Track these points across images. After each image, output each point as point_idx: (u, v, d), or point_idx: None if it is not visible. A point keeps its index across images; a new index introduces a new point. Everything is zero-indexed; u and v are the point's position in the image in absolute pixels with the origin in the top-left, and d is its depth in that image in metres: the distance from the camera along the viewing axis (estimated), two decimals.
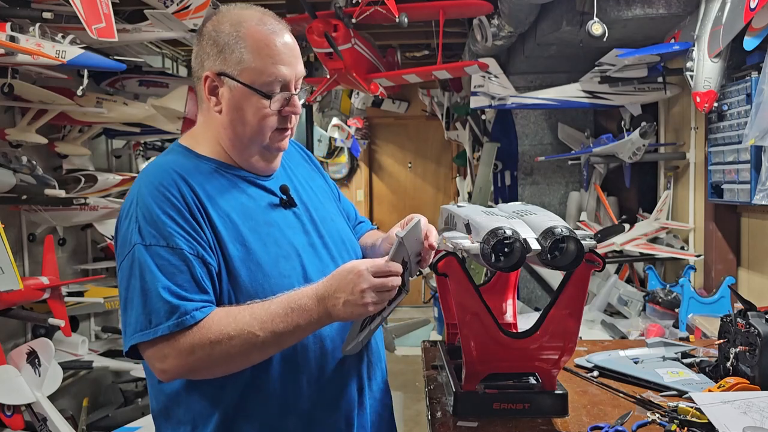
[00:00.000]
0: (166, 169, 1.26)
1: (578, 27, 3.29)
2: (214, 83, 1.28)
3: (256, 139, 1.29)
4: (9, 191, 3.05)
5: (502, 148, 4.93)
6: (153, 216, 1.18)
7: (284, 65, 1.26)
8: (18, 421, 2.76)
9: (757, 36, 2.55)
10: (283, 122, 1.30)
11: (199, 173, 1.27)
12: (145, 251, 1.16)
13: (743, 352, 1.47)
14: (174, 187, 1.22)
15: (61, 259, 3.89)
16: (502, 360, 1.34)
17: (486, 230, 1.21)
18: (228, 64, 1.25)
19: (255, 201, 1.31)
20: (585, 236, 1.22)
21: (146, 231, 1.18)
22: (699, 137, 3.61)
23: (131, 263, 1.17)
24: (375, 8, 3.39)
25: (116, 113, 3.56)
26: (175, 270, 1.16)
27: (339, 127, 7.16)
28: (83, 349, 3.59)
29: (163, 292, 1.14)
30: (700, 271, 3.59)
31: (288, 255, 1.28)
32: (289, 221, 1.33)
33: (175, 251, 1.17)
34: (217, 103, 1.29)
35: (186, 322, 1.13)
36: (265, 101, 1.26)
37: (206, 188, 1.25)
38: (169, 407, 1.29)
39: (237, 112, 1.27)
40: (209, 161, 1.31)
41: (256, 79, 1.25)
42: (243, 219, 1.26)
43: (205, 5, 3.10)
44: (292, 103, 1.29)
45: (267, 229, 1.28)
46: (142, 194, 1.22)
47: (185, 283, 1.16)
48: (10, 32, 2.60)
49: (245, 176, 1.33)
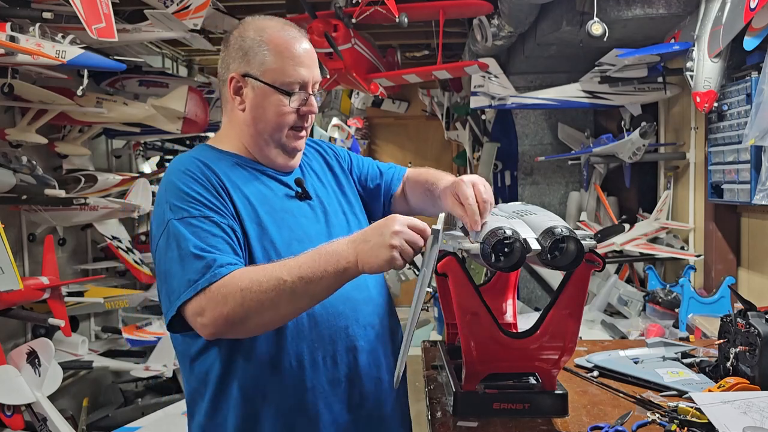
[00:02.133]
0: (190, 158, 1.37)
1: (578, 27, 3.29)
2: (239, 84, 1.39)
3: (275, 135, 1.39)
4: (9, 191, 3.05)
5: (502, 148, 4.93)
6: (182, 194, 1.28)
7: (303, 67, 1.37)
8: (18, 421, 2.76)
9: (757, 36, 2.55)
10: (300, 121, 1.40)
11: (222, 163, 1.38)
12: (178, 224, 1.25)
13: (743, 352, 1.47)
14: (199, 170, 1.32)
15: (61, 259, 3.89)
16: (502, 360, 1.34)
17: (486, 230, 1.21)
18: (252, 66, 1.37)
19: (273, 191, 1.40)
20: (585, 236, 1.22)
21: (177, 207, 1.27)
22: (699, 137, 3.61)
23: (167, 238, 1.25)
24: (375, 8, 3.39)
25: (116, 113, 3.56)
26: (207, 234, 1.24)
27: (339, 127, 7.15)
28: (83, 349, 3.59)
29: (197, 251, 1.21)
30: (700, 271, 3.59)
31: (301, 239, 1.34)
32: (303, 211, 1.41)
33: (206, 220, 1.26)
34: (241, 102, 1.39)
35: (220, 274, 1.19)
36: (285, 99, 1.36)
37: (228, 174, 1.35)
38: (198, 389, 1.36)
39: (258, 110, 1.38)
40: (231, 155, 1.41)
41: (277, 79, 1.36)
42: (260, 203, 1.35)
43: (205, 5, 3.10)
44: (309, 103, 1.39)
45: (282, 214, 1.37)
46: (169, 180, 1.32)
47: (218, 244, 1.24)
48: (10, 32, 2.60)
49: (264, 170, 1.42)
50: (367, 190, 1.61)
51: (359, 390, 1.38)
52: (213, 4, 3.33)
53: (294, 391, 1.31)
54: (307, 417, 1.32)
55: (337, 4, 3.55)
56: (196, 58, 5.77)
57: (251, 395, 1.31)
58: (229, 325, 1.19)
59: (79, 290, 3.85)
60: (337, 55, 3.54)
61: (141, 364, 3.80)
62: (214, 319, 1.18)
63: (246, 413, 1.31)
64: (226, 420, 1.32)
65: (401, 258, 1.14)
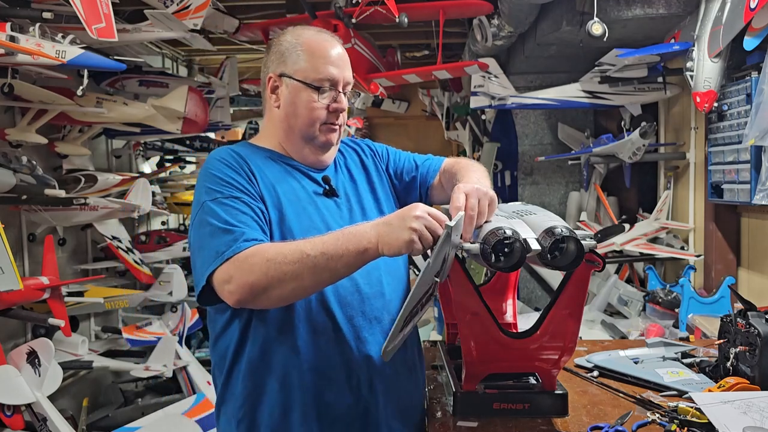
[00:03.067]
0: (226, 150, 1.48)
1: (578, 27, 3.29)
2: (276, 83, 1.49)
3: (307, 130, 1.47)
4: (9, 191, 3.05)
5: (502, 148, 4.93)
6: (216, 178, 1.39)
7: (333, 66, 1.47)
8: (18, 421, 2.76)
9: (757, 36, 2.55)
10: (330, 117, 1.47)
11: (256, 156, 1.47)
12: (211, 203, 1.35)
13: (743, 352, 1.47)
14: (232, 158, 1.43)
15: (61, 259, 3.89)
16: (502, 360, 1.34)
17: (486, 230, 1.21)
18: (287, 66, 1.47)
19: (301, 185, 1.48)
20: (585, 236, 1.22)
21: (211, 190, 1.37)
22: (699, 137, 3.61)
23: (202, 217, 1.35)
24: (375, 8, 3.39)
25: (116, 113, 3.56)
26: (237, 212, 1.33)
27: None
28: (83, 349, 3.59)
29: (226, 226, 1.31)
30: (700, 271, 3.59)
31: (320, 229, 1.40)
32: (328, 207, 1.48)
33: (237, 200, 1.35)
34: (277, 99, 1.49)
35: (245, 246, 1.27)
36: (315, 95, 1.45)
37: (260, 166, 1.45)
38: (218, 363, 1.46)
39: (291, 106, 1.47)
40: (266, 151, 1.51)
41: (308, 76, 1.45)
42: (285, 193, 1.43)
43: (205, 5, 3.10)
44: (339, 100, 1.47)
45: (305, 206, 1.44)
46: (206, 168, 1.43)
47: (247, 221, 1.33)
48: (10, 32, 2.60)
49: (297, 166, 1.50)
50: (403, 182, 1.66)
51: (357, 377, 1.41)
52: (213, 4, 3.33)
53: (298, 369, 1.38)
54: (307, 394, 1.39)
55: (337, 4, 3.56)
56: (196, 58, 5.78)
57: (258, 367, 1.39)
58: (254, 294, 1.26)
59: (79, 290, 3.85)
60: None
61: (141, 364, 3.80)
62: (240, 287, 1.25)
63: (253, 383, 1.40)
64: (236, 388, 1.42)
65: (420, 242, 1.18)
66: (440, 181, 1.63)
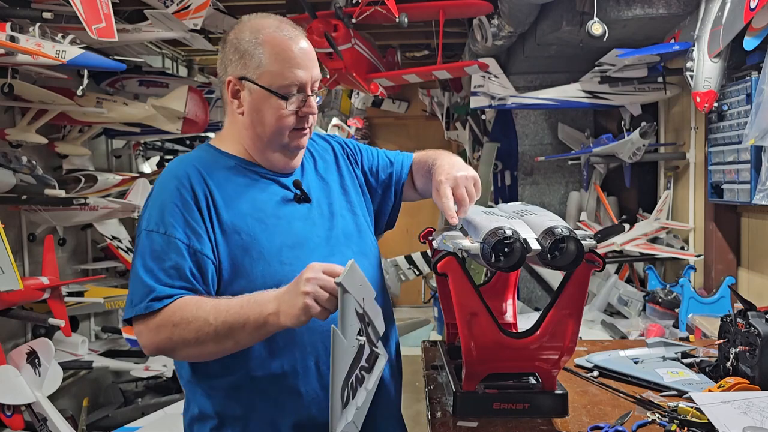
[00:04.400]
0: (185, 163, 1.37)
1: (578, 27, 3.29)
2: (236, 87, 1.36)
3: (275, 138, 1.37)
4: (9, 191, 3.05)
5: (502, 148, 4.93)
6: (161, 204, 1.29)
7: (300, 68, 1.34)
8: (18, 421, 2.76)
9: (757, 36, 2.55)
10: (300, 122, 1.37)
11: (217, 168, 1.37)
12: (146, 236, 1.27)
13: (743, 352, 1.47)
14: (187, 179, 1.31)
15: (61, 259, 3.89)
16: (502, 360, 1.34)
17: (486, 230, 1.21)
18: (248, 69, 1.34)
19: (269, 195, 1.38)
20: (585, 236, 1.22)
21: (152, 218, 1.28)
22: (699, 137, 3.61)
23: (137, 246, 1.29)
24: (375, 8, 3.39)
25: (116, 113, 3.56)
26: (164, 256, 1.24)
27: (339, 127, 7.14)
28: (83, 349, 3.59)
29: (145, 275, 1.23)
30: (700, 271, 3.59)
31: (293, 244, 1.33)
32: (299, 214, 1.39)
33: (169, 239, 1.25)
34: (239, 105, 1.37)
35: (153, 306, 1.21)
36: (282, 102, 1.33)
37: (220, 182, 1.34)
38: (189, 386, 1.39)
39: (257, 114, 1.36)
40: (231, 158, 1.40)
41: (273, 82, 1.33)
42: (252, 211, 1.34)
43: (205, 5, 3.10)
44: (308, 104, 1.36)
45: (275, 220, 1.35)
46: (159, 185, 1.34)
47: (169, 270, 1.24)
48: (10, 32, 2.60)
49: (264, 173, 1.41)
50: (380, 180, 1.61)
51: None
52: (213, 4, 3.33)
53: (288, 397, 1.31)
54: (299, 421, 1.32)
55: (337, 4, 3.56)
56: (196, 58, 5.77)
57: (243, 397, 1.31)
58: (161, 352, 1.25)
59: (79, 290, 3.85)
60: (337, 55, 3.54)
61: (141, 364, 3.80)
62: (148, 344, 1.24)
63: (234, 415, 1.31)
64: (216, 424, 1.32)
65: (317, 304, 1.11)
66: (411, 176, 1.61)
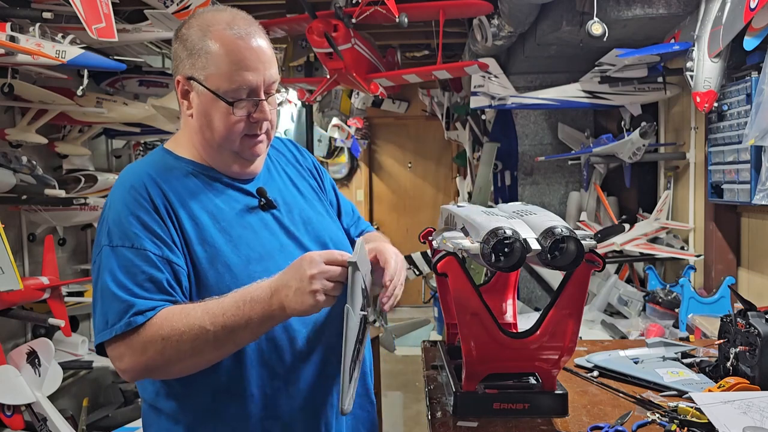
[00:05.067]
0: (138, 172, 1.27)
1: (578, 27, 3.29)
2: (185, 87, 1.28)
3: (225, 144, 1.28)
4: (9, 191, 3.04)
5: (502, 148, 4.92)
6: (121, 218, 1.19)
7: (249, 71, 1.24)
8: (18, 421, 2.76)
9: (757, 36, 2.55)
10: (252, 128, 1.28)
11: (173, 176, 1.28)
12: (111, 252, 1.18)
13: (743, 352, 1.47)
14: (143, 189, 1.22)
15: (61, 259, 3.89)
16: (502, 360, 1.34)
17: (486, 230, 1.21)
18: (196, 69, 1.25)
19: (230, 203, 1.29)
20: (585, 236, 1.22)
21: (114, 232, 1.19)
22: (699, 137, 3.61)
23: (99, 265, 1.19)
24: (375, 8, 3.39)
25: (116, 113, 3.56)
26: (137, 270, 1.16)
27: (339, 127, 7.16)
28: (83, 349, 3.59)
29: (119, 291, 1.14)
30: (700, 271, 3.59)
31: (260, 257, 1.26)
32: (266, 223, 1.31)
33: (138, 252, 1.17)
34: (189, 107, 1.29)
35: (136, 321, 1.13)
36: (230, 108, 1.24)
37: (178, 190, 1.25)
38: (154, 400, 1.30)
39: (205, 118, 1.27)
40: (187, 163, 1.31)
41: (220, 86, 1.23)
42: (214, 221, 1.25)
43: (205, 5, 3.10)
44: (261, 109, 1.27)
45: (240, 231, 1.27)
46: (114, 197, 1.24)
47: (145, 283, 1.16)
48: (10, 32, 2.60)
49: (222, 179, 1.32)
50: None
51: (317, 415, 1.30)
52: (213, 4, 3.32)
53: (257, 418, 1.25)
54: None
55: (337, 4, 3.55)
56: None
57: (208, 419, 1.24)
58: (149, 372, 1.17)
59: (79, 290, 3.85)
60: (337, 55, 3.54)
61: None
62: (133, 366, 1.15)
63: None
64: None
65: (326, 297, 1.10)
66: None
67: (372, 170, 8.21)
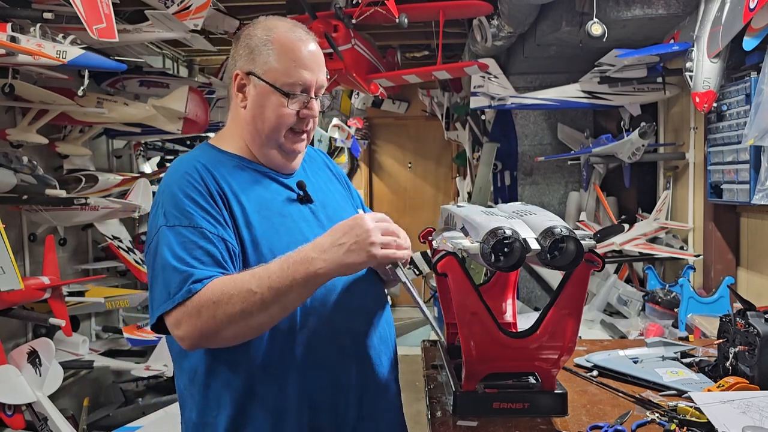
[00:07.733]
0: (190, 161, 1.37)
1: (578, 27, 3.30)
2: (243, 81, 1.39)
3: (273, 135, 1.38)
4: (10, 191, 3.05)
5: (502, 148, 4.93)
6: (176, 200, 1.28)
7: (306, 70, 1.36)
8: (19, 421, 2.77)
9: (757, 36, 2.56)
10: (299, 123, 1.39)
11: (222, 165, 1.37)
12: (168, 231, 1.26)
13: (742, 352, 1.48)
14: (196, 173, 1.32)
15: (61, 259, 3.89)
16: (501, 360, 1.34)
17: (485, 230, 1.21)
18: (256, 64, 1.37)
19: (273, 194, 1.39)
20: (584, 236, 1.22)
21: (170, 213, 1.27)
22: (698, 137, 3.62)
23: (157, 244, 1.27)
24: (375, 9, 3.40)
25: (117, 113, 3.56)
26: (194, 246, 1.24)
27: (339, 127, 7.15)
28: (84, 348, 3.59)
29: (179, 264, 1.22)
30: (700, 271, 3.59)
31: (299, 243, 1.30)
32: (304, 215, 1.40)
33: (196, 230, 1.25)
34: (243, 99, 1.40)
35: (194, 289, 1.20)
36: (284, 99, 1.35)
37: (226, 177, 1.35)
38: (188, 386, 1.36)
39: (259, 108, 1.37)
40: (232, 156, 1.41)
41: (278, 79, 1.35)
42: (259, 207, 1.34)
43: (205, 6, 3.10)
44: (310, 106, 1.38)
45: (281, 219, 1.36)
46: (167, 183, 1.33)
47: (203, 257, 1.24)
48: (10, 32, 2.60)
49: (265, 172, 1.42)
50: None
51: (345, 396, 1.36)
52: (213, 4, 3.33)
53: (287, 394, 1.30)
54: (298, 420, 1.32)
55: (338, 5, 3.56)
56: (196, 59, 5.77)
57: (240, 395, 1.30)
58: (204, 338, 1.22)
59: (79, 290, 3.85)
60: (337, 56, 3.54)
61: (141, 363, 3.80)
62: (189, 332, 1.21)
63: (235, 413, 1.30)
64: (216, 419, 1.31)
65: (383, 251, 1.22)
66: None
67: (372, 170, 8.21)
